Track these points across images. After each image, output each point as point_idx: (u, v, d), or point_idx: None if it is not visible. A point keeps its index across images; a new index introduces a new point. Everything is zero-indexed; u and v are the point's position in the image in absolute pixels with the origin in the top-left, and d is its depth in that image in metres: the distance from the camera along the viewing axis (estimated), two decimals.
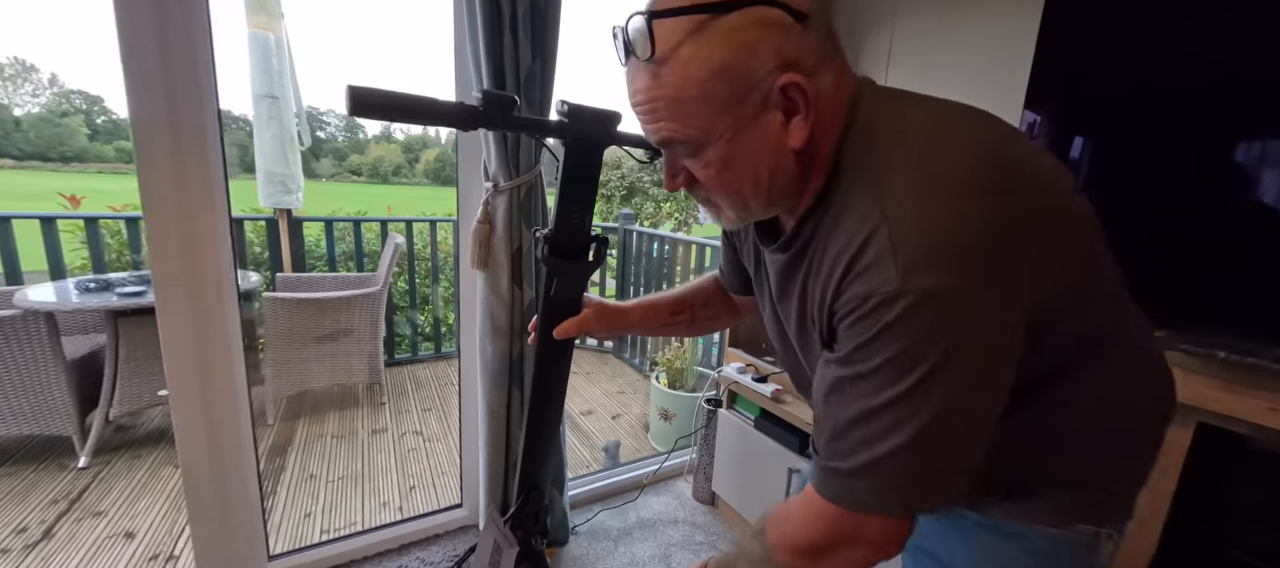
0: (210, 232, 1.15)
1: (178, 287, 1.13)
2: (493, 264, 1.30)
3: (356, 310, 2.38)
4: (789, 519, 0.51)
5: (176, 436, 1.20)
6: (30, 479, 1.85)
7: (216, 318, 1.19)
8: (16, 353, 1.80)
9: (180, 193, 1.09)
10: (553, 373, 0.84)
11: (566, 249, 0.74)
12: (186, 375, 1.18)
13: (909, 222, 0.40)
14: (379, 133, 63.58)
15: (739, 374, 1.66)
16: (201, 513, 1.25)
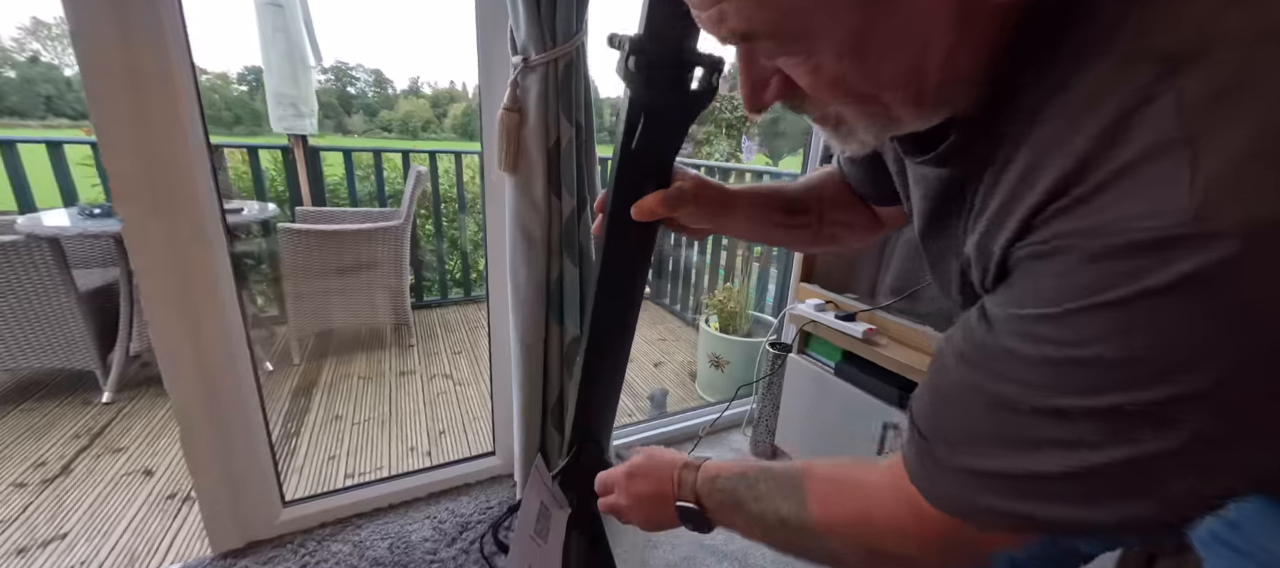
0: (181, 157, 0.94)
1: (148, 221, 0.94)
2: (524, 164, 1.04)
3: (378, 244, 2.19)
4: (854, 497, 0.38)
5: (166, 383, 1.03)
6: (54, 414, 1.78)
7: (199, 253, 1.00)
8: (26, 282, 1.69)
9: (139, 117, 0.88)
10: (624, 278, 0.57)
11: (663, 70, 0.45)
12: (169, 319, 1.00)
13: (1240, 136, 0.20)
14: (407, 87, 63.65)
15: (817, 312, 1.38)
16: (204, 468, 1.09)
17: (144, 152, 0.90)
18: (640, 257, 0.56)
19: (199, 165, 0.97)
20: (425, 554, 1.18)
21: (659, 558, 1.23)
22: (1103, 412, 0.24)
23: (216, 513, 1.13)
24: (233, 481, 1.13)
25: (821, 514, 0.39)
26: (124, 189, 0.91)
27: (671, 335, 2.82)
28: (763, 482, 0.44)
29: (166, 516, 1.33)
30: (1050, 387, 0.26)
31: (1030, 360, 0.27)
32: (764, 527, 0.43)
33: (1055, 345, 0.25)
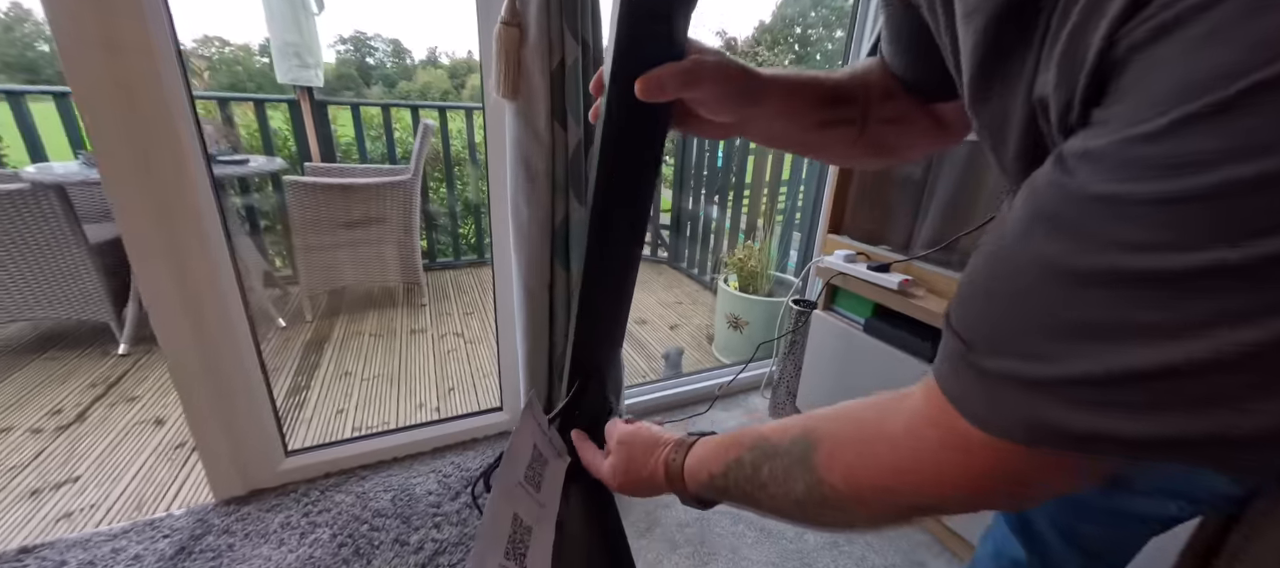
0: (161, 111, 0.88)
1: (127, 171, 0.89)
2: (525, 88, 0.93)
3: (386, 199, 2.13)
4: (880, 454, 0.30)
5: (160, 338, 0.99)
6: (73, 364, 1.79)
7: (184, 206, 0.95)
8: (35, 232, 1.67)
9: (111, 57, 0.83)
10: (628, 173, 0.46)
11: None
12: (158, 276, 0.97)
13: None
14: (425, 58, 63.32)
15: (847, 264, 1.26)
16: (201, 416, 1.06)
17: (121, 105, 0.86)
18: (647, 147, 0.45)
19: (181, 116, 0.91)
20: (428, 507, 1.14)
21: (670, 517, 1.17)
22: (1258, 266, 0.16)
23: (217, 461, 1.11)
24: (232, 430, 1.10)
25: (845, 486, 0.32)
26: (103, 142, 0.86)
27: (688, 299, 2.72)
28: (765, 466, 0.36)
29: (175, 464, 1.32)
30: (1168, 241, 0.17)
31: (1136, 203, 0.18)
32: (781, 513, 0.36)
33: (1178, 173, 0.16)
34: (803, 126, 0.46)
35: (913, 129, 0.48)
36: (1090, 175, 0.19)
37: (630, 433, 0.51)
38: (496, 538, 0.52)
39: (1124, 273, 0.18)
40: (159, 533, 1.05)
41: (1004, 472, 0.25)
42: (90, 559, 0.99)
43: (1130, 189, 0.18)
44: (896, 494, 0.30)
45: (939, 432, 0.27)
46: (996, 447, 0.24)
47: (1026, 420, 0.22)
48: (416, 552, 1.03)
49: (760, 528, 1.16)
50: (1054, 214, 0.20)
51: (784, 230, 2.44)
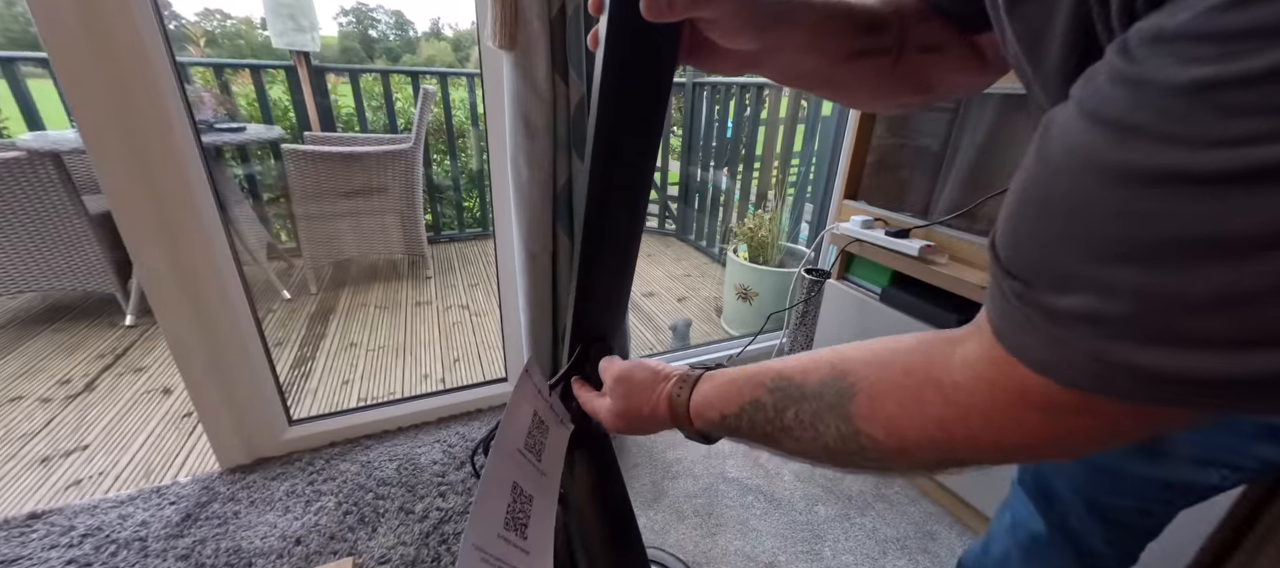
0: (139, 68, 0.83)
1: (112, 138, 0.85)
2: (522, 37, 0.87)
3: (387, 168, 2.08)
4: (929, 403, 0.27)
5: (156, 312, 0.97)
6: (82, 334, 1.80)
7: (173, 175, 0.91)
8: (34, 201, 1.65)
9: (90, 23, 0.79)
10: (631, 108, 0.41)
11: None
12: (151, 248, 0.94)
13: None
14: (429, 30, 62.17)
15: (864, 229, 1.21)
16: (201, 387, 1.05)
17: (103, 72, 0.81)
18: (653, 82, 0.40)
19: (166, 83, 0.87)
20: (433, 476, 1.13)
21: (678, 489, 1.15)
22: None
23: (220, 430, 1.10)
24: (234, 400, 1.08)
25: (887, 438, 0.29)
26: (84, 109, 0.82)
27: (696, 271, 2.68)
28: (791, 409, 0.33)
29: (182, 433, 1.32)
30: (1256, 131, 0.13)
31: (1236, 86, 0.14)
32: (805, 456, 0.34)
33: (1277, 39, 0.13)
34: (833, 59, 0.40)
35: (949, 60, 0.42)
36: (1168, 60, 0.15)
37: (628, 369, 0.48)
38: (495, 508, 0.49)
39: (1220, 173, 0.14)
40: (165, 500, 1.05)
41: (1070, 424, 0.22)
42: (98, 525, 0.99)
43: (1222, 70, 0.14)
44: (947, 447, 0.27)
45: (996, 380, 0.24)
46: (1064, 396, 0.21)
47: (1102, 365, 0.19)
48: (421, 520, 1.02)
49: (769, 499, 1.14)
50: (1121, 115, 0.17)
51: (795, 201, 2.37)
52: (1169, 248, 0.16)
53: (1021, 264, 0.21)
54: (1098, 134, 0.17)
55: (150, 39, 0.84)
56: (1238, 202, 0.14)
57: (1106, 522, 0.60)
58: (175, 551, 0.94)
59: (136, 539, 0.96)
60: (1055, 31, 0.23)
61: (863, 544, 1.04)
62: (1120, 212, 0.17)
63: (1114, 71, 0.17)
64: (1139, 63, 0.16)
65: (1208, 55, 0.14)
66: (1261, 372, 0.15)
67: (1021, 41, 0.27)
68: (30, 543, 0.95)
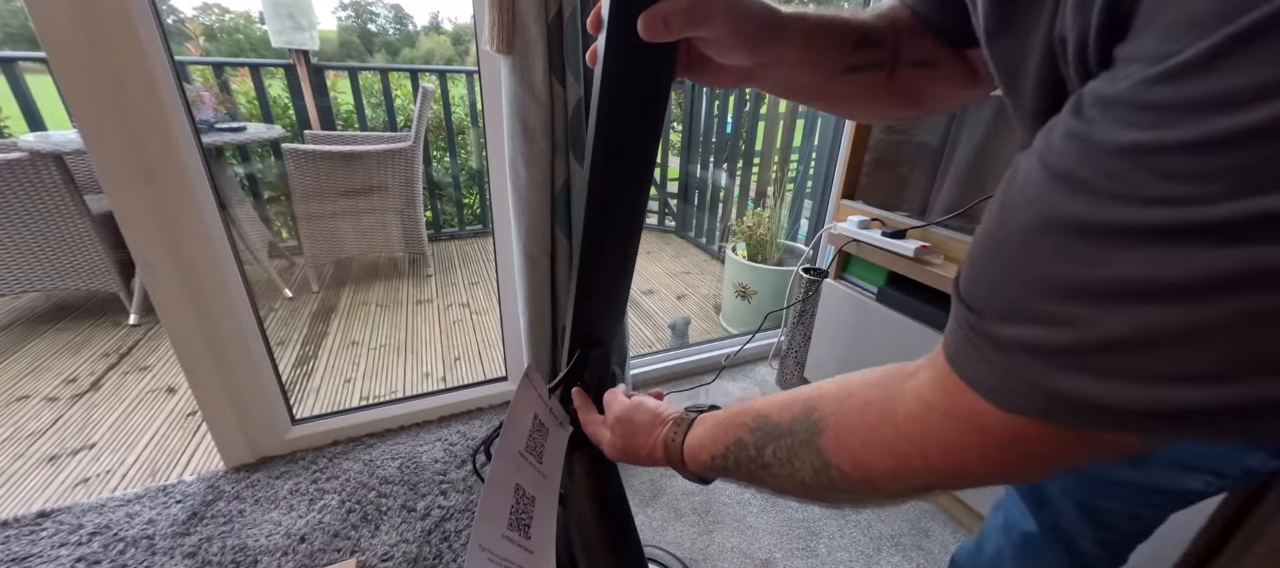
0: (141, 76, 0.85)
1: (111, 138, 0.86)
2: (520, 41, 0.88)
3: (387, 166, 2.09)
4: (889, 437, 0.28)
5: (160, 312, 0.99)
6: (86, 333, 1.82)
7: (171, 176, 0.92)
8: (38, 202, 1.66)
9: (89, 23, 0.79)
10: (629, 125, 0.42)
11: None
12: (151, 242, 0.95)
13: None
14: (428, 24, 62.04)
15: (861, 230, 1.21)
16: (205, 387, 1.06)
17: (100, 73, 0.82)
18: (652, 96, 0.41)
19: (164, 84, 0.88)
20: (435, 474, 1.15)
21: (675, 487, 1.16)
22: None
23: (224, 429, 1.11)
24: (237, 399, 1.10)
25: (853, 470, 0.30)
26: (84, 109, 0.83)
27: (696, 268, 2.69)
28: (769, 447, 0.35)
29: (186, 432, 1.34)
30: (1204, 192, 0.15)
31: (1165, 152, 0.16)
32: (787, 493, 0.36)
33: (1214, 112, 0.14)
34: (827, 73, 0.41)
35: (941, 75, 0.43)
36: (1111, 124, 0.17)
37: (629, 410, 0.50)
38: (499, 509, 0.50)
39: (1153, 228, 0.16)
40: (172, 499, 1.07)
41: (1021, 449, 0.24)
42: (106, 523, 1.01)
43: (1157, 137, 0.16)
44: (908, 476, 0.28)
45: (949, 409, 0.25)
46: (1012, 423, 0.23)
47: (1045, 393, 0.20)
48: (423, 518, 1.04)
49: (766, 497, 1.15)
50: (1070, 169, 0.19)
51: (795, 198, 2.37)
52: (1108, 291, 0.17)
53: (975, 296, 0.23)
54: (1051, 186, 0.19)
55: (148, 36, 0.84)
56: (1173, 254, 0.16)
57: (1097, 524, 0.61)
58: (182, 549, 0.96)
59: (144, 537, 0.98)
60: (1028, 70, 0.24)
61: (857, 541, 1.05)
62: (1068, 256, 0.18)
63: (1067, 128, 0.19)
64: (1088, 122, 0.18)
65: (1145, 122, 0.16)
66: (1182, 405, 0.17)
67: (1001, 74, 0.28)
68: (40, 541, 0.97)
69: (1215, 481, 0.51)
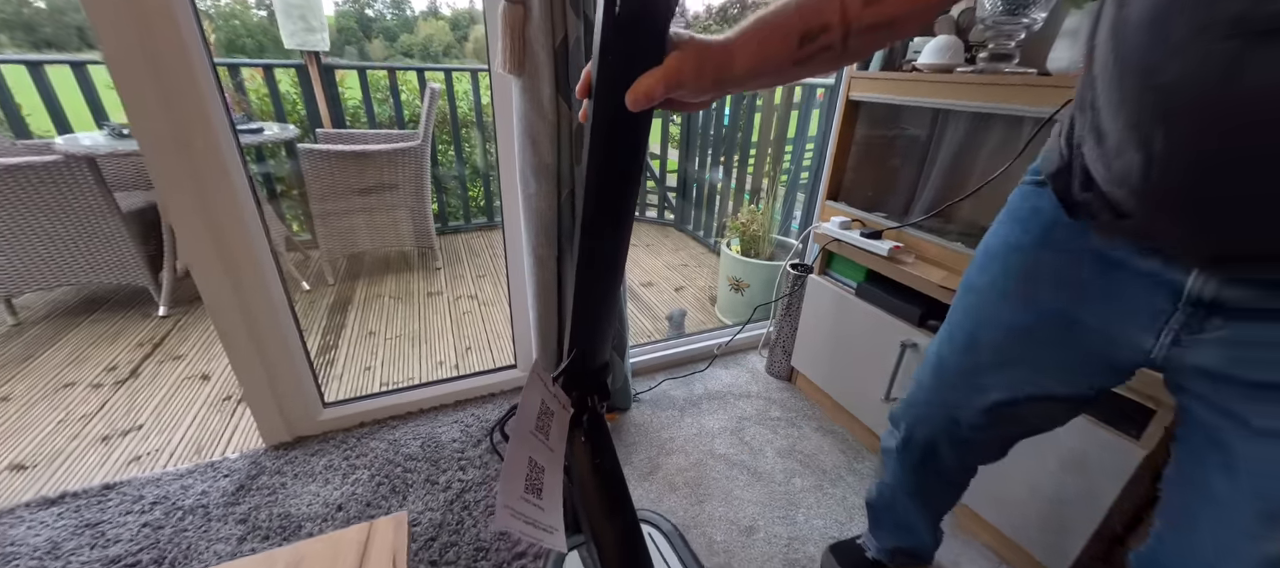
0: (186, 73, 0.93)
1: (167, 145, 0.96)
2: (530, 65, 0.98)
3: (398, 165, 2.19)
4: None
5: (206, 303, 1.09)
6: (120, 325, 1.93)
7: (217, 174, 1.02)
8: (71, 201, 1.77)
9: (142, 30, 0.87)
10: (616, 173, 0.51)
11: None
12: (199, 238, 1.05)
13: None
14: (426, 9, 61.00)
15: (842, 231, 1.32)
16: (248, 372, 1.18)
17: (153, 77, 0.91)
18: (634, 148, 0.50)
19: (206, 85, 0.97)
20: (454, 452, 1.27)
21: (671, 464, 1.29)
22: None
23: (264, 410, 1.23)
24: (275, 383, 1.22)
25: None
26: (138, 112, 0.92)
27: (693, 261, 2.79)
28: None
29: (224, 414, 1.46)
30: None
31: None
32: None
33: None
34: (779, 69, 0.45)
35: (898, 28, 0.44)
36: None
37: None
38: (517, 477, 0.63)
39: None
40: (220, 473, 1.19)
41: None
42: (164, 495, 1.13)
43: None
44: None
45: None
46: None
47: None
48: (445, 490, 1.17)
49: (752, 473, 1.28)
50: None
51: (788, 192, 2.46)
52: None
53: None
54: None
55: (191, 39, 0.92)
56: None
57: (953, 440, 0.76)
58: (233, 516, 1.09)
59: (199, 506, 1.11)
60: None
61: (833, 511, 1.18)
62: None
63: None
64: None
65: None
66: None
67: None
68: (108, 509, 1.10)
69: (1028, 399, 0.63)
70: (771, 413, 1.51)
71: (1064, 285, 0.57)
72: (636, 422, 1.44)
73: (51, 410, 1.47)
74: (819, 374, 1.51)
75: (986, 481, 0.88)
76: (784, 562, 1.05)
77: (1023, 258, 0.61)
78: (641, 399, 1.53)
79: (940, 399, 0.73)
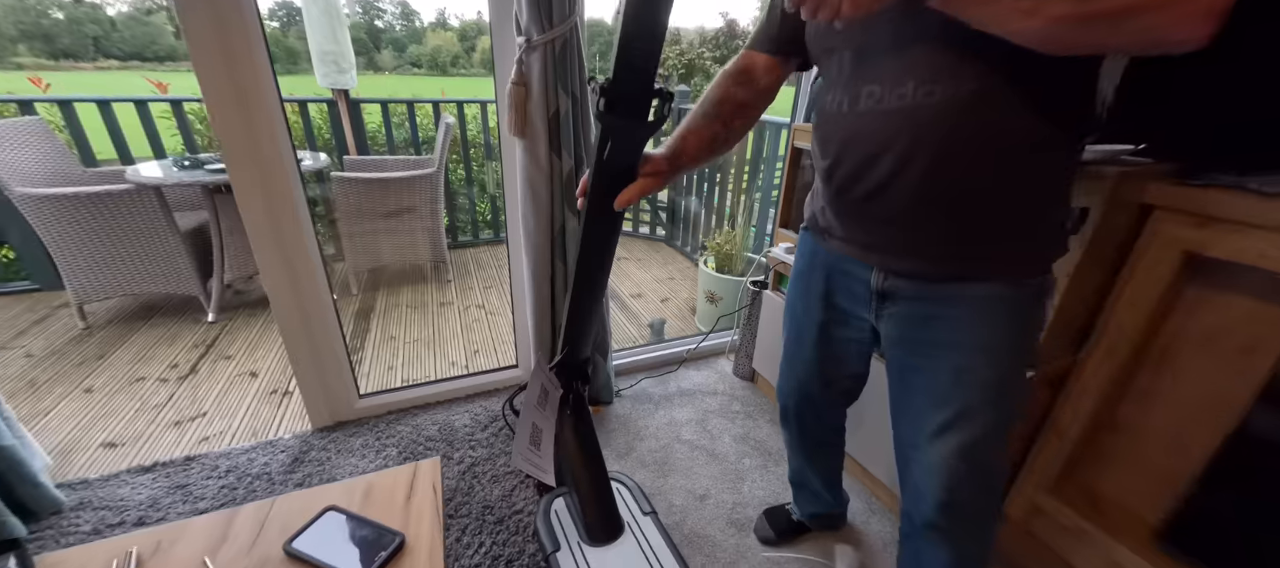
0: (263, 112, 1.20)
1: (248, 170, 1.23)
2: (529, 131, 1.27)
3: (417, 190, 2.49)
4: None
5: (272, 304, 1.38)
6: (175, 329, 2.23)
7: (283, 195, 1.29)
8: (139, 223, 2.07)
9: (230, 73, 1.14)
10: (599, 244, 0.80)
11: (625, 103, 0.61)
12: (269, 250, 1.32)
13: None
14: (434, 21, 61.84)
15: (787, 255, 1.60)
16: (302, 365, 1.46)
17: (243, 118, 1.18)
18: (612, 227, 0.79)
19: (277, 122, 1.24)
20: (465, 435, 1.55)
21: (643, 447, 1.56)
22: None
23: (312, 399, 1.52)
24: (323, 375, 1.50)
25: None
26: (230, 147, 1.20)
27: (680, 274, 3.07)
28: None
29: (272, 405, 1.75)
30: None
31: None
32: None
33: None
34: (713, 151, 0.82)
35: (750, 108, 0.83)
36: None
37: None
38: (525, 435, 0.93)
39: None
40: (277, 449, 1.48)
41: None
42: (234, 465, 1.41)
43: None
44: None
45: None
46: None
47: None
48: (458, 464, 1.44)
49: (710, 454, 1.54)
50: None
51: (761, 214, 2.75)
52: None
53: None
54: None
55: (264, 77, 1.17)
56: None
57: (809, 404, 1.04)
58: (292, 480, 1.36)
59: (263, 473, 1.39)
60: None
61: (773, 485, 1.45)
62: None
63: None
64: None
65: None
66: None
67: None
68: (191, 475, 1.38)
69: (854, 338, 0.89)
70: (733, 407, 1.78)
71: (826, 287, 0.87)
72: (618, 414, 1.71)
73: (129, 400, 1.76)
74: (773, 375, 1.78)
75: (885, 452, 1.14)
76: (728, 521, 1.32)
77: (805, 277, 0.91)
78: (623, 395, 1.80)
79: (793, 377, 1.01)
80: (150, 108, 2.57)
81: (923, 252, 0.70)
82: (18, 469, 1.17)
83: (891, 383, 0.84)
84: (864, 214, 0.72)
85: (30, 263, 2.44)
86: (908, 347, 0.77)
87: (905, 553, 0.94)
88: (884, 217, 0.70)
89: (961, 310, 0.71)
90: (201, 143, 2.93)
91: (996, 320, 0.70)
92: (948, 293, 0.71)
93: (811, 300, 0.90)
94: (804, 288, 0.92)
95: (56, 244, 2.01)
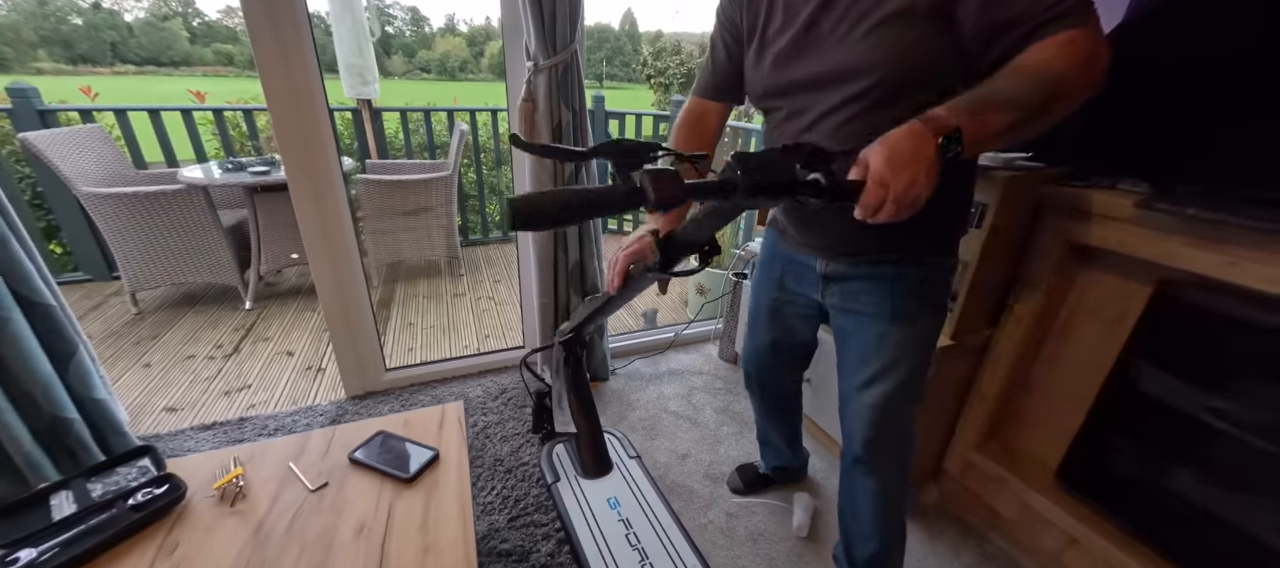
0: (315, 120, 1.43)
1: (301, 170, 1.47)
2: (536, 138, 1.50)
3: (433, 191, 2.73)
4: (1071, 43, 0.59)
5: (317, 286, 1.61)
6: (216, 315, 2.47)
7: (330, 193, 1.53)
8: (188, 219, 2.32)
9: (289, 86, 1.37)
10: (636, 292, 0.98)
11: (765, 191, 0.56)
12: (316, 239, 1.55)
13: None
14: (444, 26, 62.71)
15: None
16: (339, 338, 1.69)
17: (299, 125, 1.42)
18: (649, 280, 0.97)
19: (324, 126, 1.48)
20: (478, 404, 1.77)
21: (634, 415, 1.78)
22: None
23: (347, 369, 1.75)
24: (357, 349, 1.73)
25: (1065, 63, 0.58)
26: (287, 150, 1.44)
27: None
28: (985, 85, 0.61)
29: (308, 380, 1.98)
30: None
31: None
32: (1015, 106, 0.58)
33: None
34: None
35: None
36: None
37: (887, 143, 0.56)
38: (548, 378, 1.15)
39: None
40: (316, 413, 1.70)
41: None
42: (281, 425, 1.64)
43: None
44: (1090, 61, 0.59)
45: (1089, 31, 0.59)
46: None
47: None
48: (473, 427, 1.66)
49: (693, 422, 1.76)
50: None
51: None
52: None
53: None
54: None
55: (314, 85, 1.41)
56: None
57: (765, 369, 1.23)
58: None
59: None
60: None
61: (746, 447, 1.65)
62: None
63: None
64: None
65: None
66: None
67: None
68: (246, 432, 1.61)
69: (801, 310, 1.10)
70: (716, 385, 1.99)
71: (782, 273, 1.07)
72: (613, 389, 1.93)
73: (183, 374, 2.00)
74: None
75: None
76: (705, 474, 1.53)
77: (768, 265, 1.12)
78: (618, 373, 2.02)
79: (753, 345, 1.22)
80: (194, 116, 2.83)
81: (859, 249, 0.89)
82: (108, 419, 1.41)
83: (837, 347, 1.04)
84: (813, 222, 0.92)
85: (82, 256, 2.70)
86: (845, 316, 0.96)
87: (843, 485, 1.14)
88: (828, 227, 0.90)
89: (884, 286, 0.90)
90: (237, 149, 3.19)
91: (910, 294, 0.90)
92: (875, 272, 0.90)
93: (770, 284, 1.11)
94: (764, 274, 1.13)
95: (115, 237, 2.26)
